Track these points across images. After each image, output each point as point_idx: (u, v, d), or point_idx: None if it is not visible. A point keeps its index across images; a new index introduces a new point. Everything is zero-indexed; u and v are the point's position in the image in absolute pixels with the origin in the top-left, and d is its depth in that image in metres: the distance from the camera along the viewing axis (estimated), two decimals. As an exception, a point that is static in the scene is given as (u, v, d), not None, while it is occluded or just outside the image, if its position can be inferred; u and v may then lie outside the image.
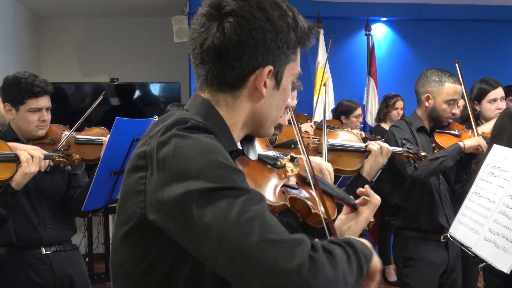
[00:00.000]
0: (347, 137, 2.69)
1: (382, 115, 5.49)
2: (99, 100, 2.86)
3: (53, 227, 2.72)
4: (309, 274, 0.95)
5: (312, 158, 2.38)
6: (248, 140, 1.31)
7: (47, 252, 2.70)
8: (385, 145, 2.59)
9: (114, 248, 1.19)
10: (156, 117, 2.52)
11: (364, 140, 3.36)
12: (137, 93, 6.10)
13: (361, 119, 5.36)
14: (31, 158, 2.30)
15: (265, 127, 1.26)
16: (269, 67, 1.16)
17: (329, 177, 2.07)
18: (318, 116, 5.00)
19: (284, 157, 1.58)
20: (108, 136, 2.57)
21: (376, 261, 1.16)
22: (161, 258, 1.10)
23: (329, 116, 5.43)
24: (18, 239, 2.64)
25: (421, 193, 3.00)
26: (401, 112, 5.40)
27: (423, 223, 3.01)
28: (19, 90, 2.57)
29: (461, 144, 2.95)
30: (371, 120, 6.05)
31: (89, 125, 2.94)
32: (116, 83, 5.88)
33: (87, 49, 6.67)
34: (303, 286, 0.95)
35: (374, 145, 2.57)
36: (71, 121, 2.86)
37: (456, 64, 3.17)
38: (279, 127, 2.10)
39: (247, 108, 1.21)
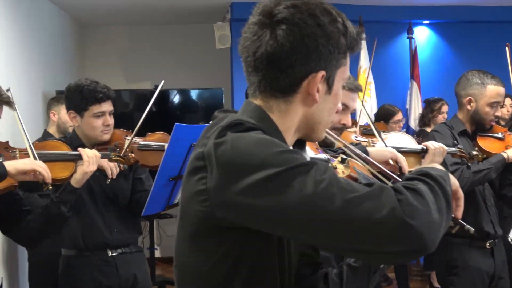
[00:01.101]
0: (401, 139, 2.68)
1: (427, 120, 5.40)
2: (157, 91, 2.87)
3: (119, 231, 2.77)
4: (404, 215, 0.98)
5: (380, 148, 2.39)
6: (299, 144, 1.32)
7: (113, 254, 2.76)
8: (441, 144, 2.58)
9: (179, 249, 1.22)
10: (212, 122, 2.53)
11: None
12: (179, 100, 6.15)
13: (401, 124, 5.28)
14: (94, 157, 2.37)
15: (317, 131, 1.27)
16: (322, 72, 1.18)
17: (405, 164, 2.15)
18: (362, 120, 4.96)
19: (334, 159, 1.59)
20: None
21: (452, 179, 1.18)
22: (227, 255, 1.13)
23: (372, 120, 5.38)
24: (85, 243, 2.71)
25: (466, 198, 2.92)
26: (446, 116, 5.32)
27: None
28: (82, 97, 2.63)
29: (505, 155, 2.88)
30: (414, 124, 5.98)
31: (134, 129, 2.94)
32: (154, 89, 5.93)
33: (130, 57, 6.79)
34: (402, 227, 0.98)
35: (431, 145, 2.56)
36: (116, 127, 2.86)
37: (506, 48, 3.08)
38: (341, 128, 2.12)
39: (299, 113, 1.22)
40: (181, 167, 2.46)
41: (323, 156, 1.58)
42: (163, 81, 2.97)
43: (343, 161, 1.59)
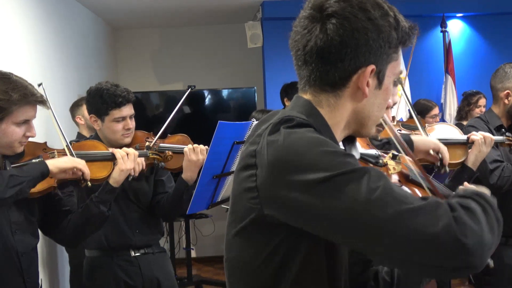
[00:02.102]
0: (447, 130, 2.64)
1: (463, 113, 5.31)
2: (186, 93, 2.87)
3: (141, 232, 2.79)
4: (458, 233, 0.98)
5: (425, 137, 2.36)
6: (349, 140, 1.31)
7: (136, 255, 2.77)
8: (488, 134, 2.53)
9: (229, 245, 1.23)
10: (254, 120, 2.53)
11: None
12: (211, 100, 6.15)
13: (437, 119, 5.20)
14: (126, 155, 2.36)
15: (367, 126, 1.26)
16: (372, 67, 1.16)
17: (447, 155, 2.16)
18: (399, 115, 4.91)
19: (386, 155, 1.57)
20: (189, 145, 2.61)
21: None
22: (275, 253, 1.13)
23: (407, 115, 5.32)
24: (108, 243, 2.73)
25: (503, 195, 2.85)
26: (483, 110, 5.22)
27: (506, 227, 2.85)
28: (102, 102, 2.62)
29: None
30: (450, 118, 5.88)
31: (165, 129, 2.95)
32: (190, 90, 5.94)
33: (161, 59, 6.83)
34: (455, 245, 0.98)
35: (476, 135, 2.51)
36: (148, 129, 2.91)
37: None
38: (380, 125, 2.08)
39: (349, 108, 1.21)
40: (224, 165, 2.46)
41: (373, 151, 1.55)
42: (194, 86, 2.97)
43: (394, 157, 1.57)
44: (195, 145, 2.62)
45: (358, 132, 1.28)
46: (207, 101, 6.11)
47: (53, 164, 2.04)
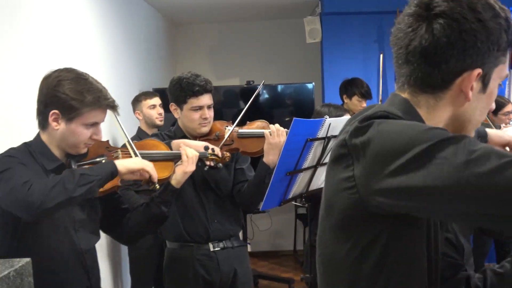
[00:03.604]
0: None
1: None
2: (257, 91, 2.89)
3: (219, 222, 2.80)
4: None
5: (500, 131, 2.30)
6: None
7: (216, 249, 2.79)
8: None
9: (323, 240, 1.21)
10: (327, 117, 2.51)
11: None
12: (268, 95, 6.15)
13: (511, 116, 5.04)
14: (189, 158, 2.37)
15: (466, 130, 1.22)
16: (478, 70, 1.12)
17: None
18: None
19: None
20: (269, 128, 2.66)
21: None
22: (373, 245, 1.11)
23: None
24: (188, 234, 2.75)
25: None
26: None
27: None
28: (181, 90, 2.70)
29: None
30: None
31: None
32: (246, 85, 5.95)
33: (220, 54, 6.88)
34: None
35: None
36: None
37: None
38: None
39: (448, 111, 1.17)
40: (297, 161, 2.46)
41: None
42: (253, 81, 2.97)
43: None
44: (277, 125, 2.65)
45: None
46: (264, 96, 6.10)
47: (122, 164, 2.04)
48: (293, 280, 5.48)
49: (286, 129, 2.62)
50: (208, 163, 2.52)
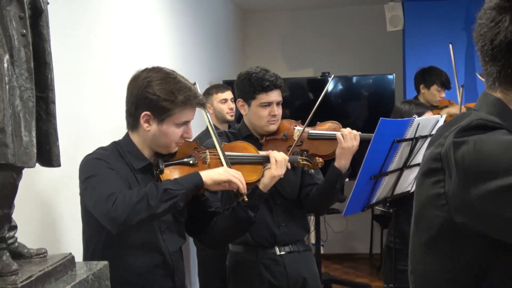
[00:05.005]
0: None
1: None
2: (327, 87, 2.86)
3: (286, 225, 2.82)
4: None
5: None
6: None
7: (281, 253, 2.81)
8: None
9: (416, 257, 1.22)
10: (416, 116, 2.48)
11: None
12: (343, 87, 6.07)
13: None
14: (278, 161, 2.38)
15: None
16: None
17: None
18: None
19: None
20: (341, 130, 2.63)
21: None
22: (469, 266, 1.10)
23: None
24: (253, 238, 2.78)
25: None
26: None
27: None
28: (250, 85, 2.71)
29: None
30: None
31: (294, 117, 2.98)
32: (320, 77, 5.90)
33: (293, 43, 6.88)
34: None
35: None
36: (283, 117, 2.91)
37: None
38: None
39: None
40: (383, 164, 2.44)
41: None
42: (328, 72, 2.93)
43: None
44: (348, 129, 2.63)
45: None
46: (339, 88, 6.04)
47: (208, 175, 2.08)
48: (369, 286, 5.44)
49: (359, 132, 2.61)
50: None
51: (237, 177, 2.13)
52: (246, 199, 2.21)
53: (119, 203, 1.89)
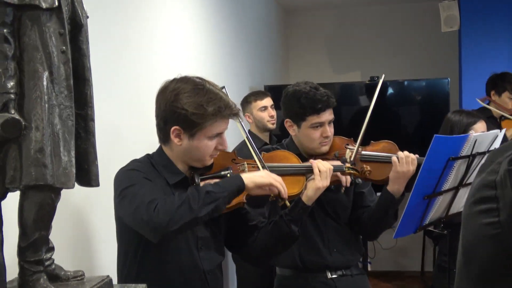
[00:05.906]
0: None
1: None
2: (378, 86, 2.83)
3: (339, 251, 2.79)
4: None
5: None
6: None
7: (333, 276, 2.79)
8: None
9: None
10: (472, 132, 2.46)
11: None
12: (394, 92, 6.01)
13: None
14: (322, 172, 2.36)
15: None
16: None
17: None
18: None
19: None
20: (397, 153, 2.59)
21: None
22: None
23: None
24: (302, 262, 2.77)
25: None
26: None
27: None
28: (300, 106, 2.66)
29: None
30: None
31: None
32: (369, 82, 5.84)
33: (338, 45, 6.87)
34: None
35: None
36: None
37: None
38: None
39: None
40: (437, 184, 2.43)
41: None
42: (383, 75, 2.89)
43: None
44: (405, 153, 2.60)
45: None
46: (390, 93, 5.99)
47: (250, 178, 2.09)
48: (420, 307, 5.40)
49: (416, 155, 2.57)
50: (344, 179, 2.51)
51: (279, 181, 2.15)
52: (288, 204, 2.21)
53: (160, 208, 1.90)
